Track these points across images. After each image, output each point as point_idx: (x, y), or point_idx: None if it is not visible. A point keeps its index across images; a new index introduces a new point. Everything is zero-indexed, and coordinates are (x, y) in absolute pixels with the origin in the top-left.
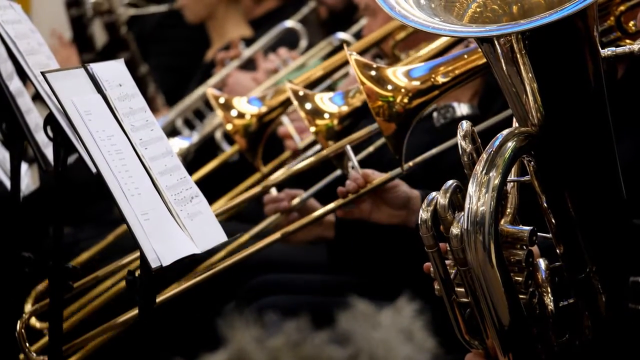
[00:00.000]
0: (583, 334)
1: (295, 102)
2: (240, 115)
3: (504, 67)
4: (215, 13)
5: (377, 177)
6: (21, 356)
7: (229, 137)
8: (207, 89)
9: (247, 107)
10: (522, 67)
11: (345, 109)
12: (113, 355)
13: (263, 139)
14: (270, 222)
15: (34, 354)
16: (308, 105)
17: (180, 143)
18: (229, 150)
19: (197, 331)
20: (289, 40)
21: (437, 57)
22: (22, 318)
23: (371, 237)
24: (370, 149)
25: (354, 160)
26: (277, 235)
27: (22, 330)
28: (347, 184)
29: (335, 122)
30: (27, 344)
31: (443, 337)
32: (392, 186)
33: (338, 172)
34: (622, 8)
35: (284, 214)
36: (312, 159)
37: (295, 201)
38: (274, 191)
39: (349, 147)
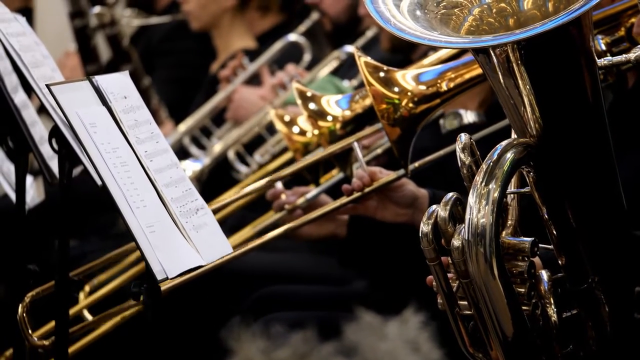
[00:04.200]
0: (587, 344)
1: (299, 101)
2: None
3: (501, 79)
4: (221, 23)
5: (384, 175)
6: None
7: (242, 157)
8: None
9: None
10: (519, 78)
11: (348, 113)
12: None
13: None
14: (275, 220)
15: (36, 339)
16: (312, 105)
17: (193, 166)
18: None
19: (204, 343)
20: (293, 54)
21: (452, 60)
22: (24, 302)
23: (384, 236)
24: (379, 151)
25: (360, 157)
26: (280, 230)
27: (24, 315)
28: (353, 181)
29: (338, 126)
30: (30, 330)
31: (449, 349)
32: (399, 185)
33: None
34: (633, 20)
35: (288, 212)
36: (320, 155)
37: (301, 200)
38: (279, 186)
39: (356, 144)
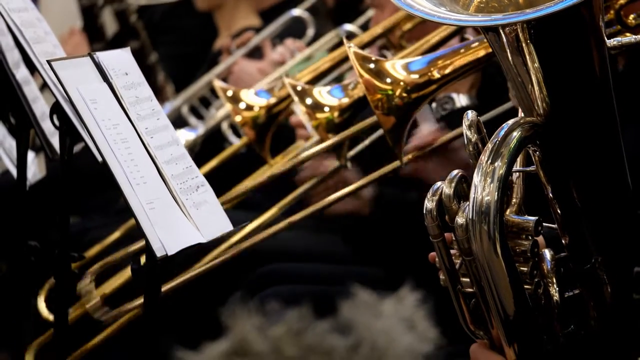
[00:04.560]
0: (588, 324)
1: (295, 98)
2: (249, 108)
3: (510, 57)
4: (226, 2)
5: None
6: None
7: (235, 129)
8: (214, 80)
9: (255, 99)
10: (527, 57)
11: (345, 101)
12: (115, 342)
13: (271, 130)
14: (301, 192)
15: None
16: (308, 100)
17: (187, 135)
18: (237, 143)
19: (199, 320)
20: (296, 28)
21: (433, 49)
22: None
23: (408, 216)
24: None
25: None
26: (282, 224)
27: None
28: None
29: (336, 114)
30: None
31: (445, 327)
32: (457, 147)
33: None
34: (622, 2)
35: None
36: (321, 147)
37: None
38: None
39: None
